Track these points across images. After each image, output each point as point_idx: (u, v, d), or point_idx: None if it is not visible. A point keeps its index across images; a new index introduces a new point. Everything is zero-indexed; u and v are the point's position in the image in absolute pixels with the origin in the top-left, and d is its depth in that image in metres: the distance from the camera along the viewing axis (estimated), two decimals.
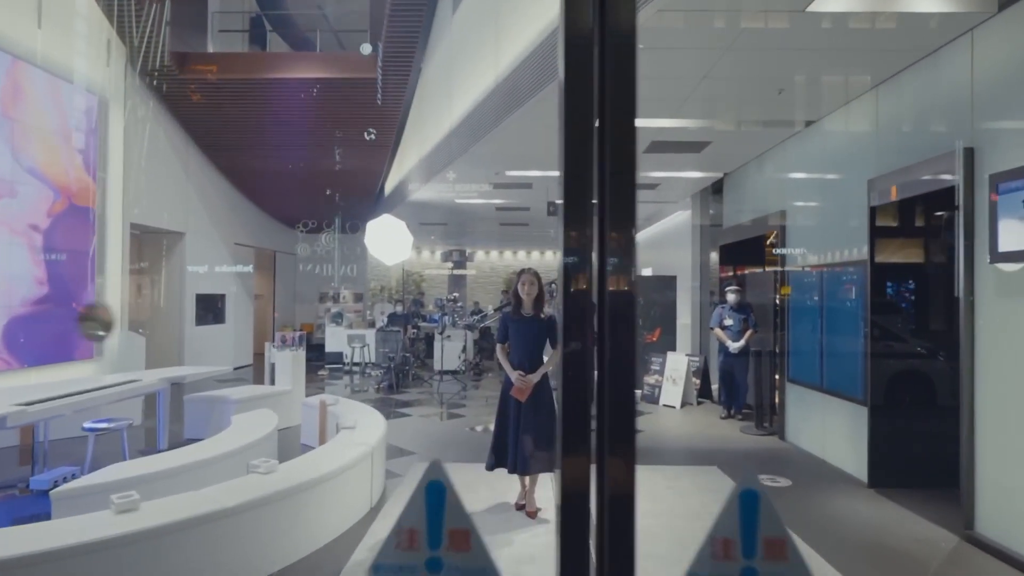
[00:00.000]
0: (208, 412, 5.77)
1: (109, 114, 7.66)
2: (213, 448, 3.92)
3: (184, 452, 3.81)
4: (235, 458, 3.92)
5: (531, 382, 3.76)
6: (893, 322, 4.39)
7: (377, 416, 4.90)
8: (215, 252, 10.47)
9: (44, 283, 6.61)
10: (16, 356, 6.21)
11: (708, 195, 8.77)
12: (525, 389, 3.77)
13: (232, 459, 3.92)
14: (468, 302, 17.81)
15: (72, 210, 6.98)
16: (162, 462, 3.62)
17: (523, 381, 3.75)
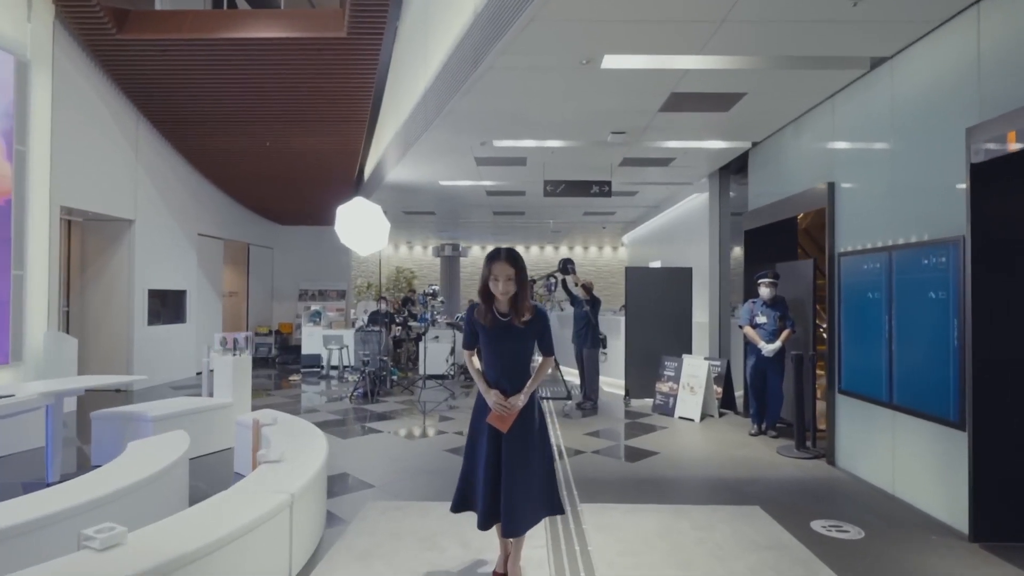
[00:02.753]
0: (121, 432, 4.65)
1: (30, 78, 6.53)
2: (64, 497, 2.79)
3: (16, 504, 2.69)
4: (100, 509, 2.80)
5: (515, 409, 2.65)
6: (1003, 318, 3.26)
7: (319, 442, 3.79)
8: (172, 243, 9.37)
9: None
10: None
11: (729, 175, 7.65)
12: (507, 418, 2.65)
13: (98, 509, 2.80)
14: (464, 300, 16.71)
15: None
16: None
17: (504, 408, 2.64)
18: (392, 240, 17.82)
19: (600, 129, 5.56)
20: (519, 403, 2.65)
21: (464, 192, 8.74)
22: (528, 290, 2.67)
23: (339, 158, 9.23)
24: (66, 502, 2.74)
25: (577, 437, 5.71)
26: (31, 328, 6.60)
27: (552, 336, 2.79)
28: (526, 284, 2.64)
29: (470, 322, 2.78)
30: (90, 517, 2.76)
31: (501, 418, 2.65)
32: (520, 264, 2.62)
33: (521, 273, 2.62)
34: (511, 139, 5.82)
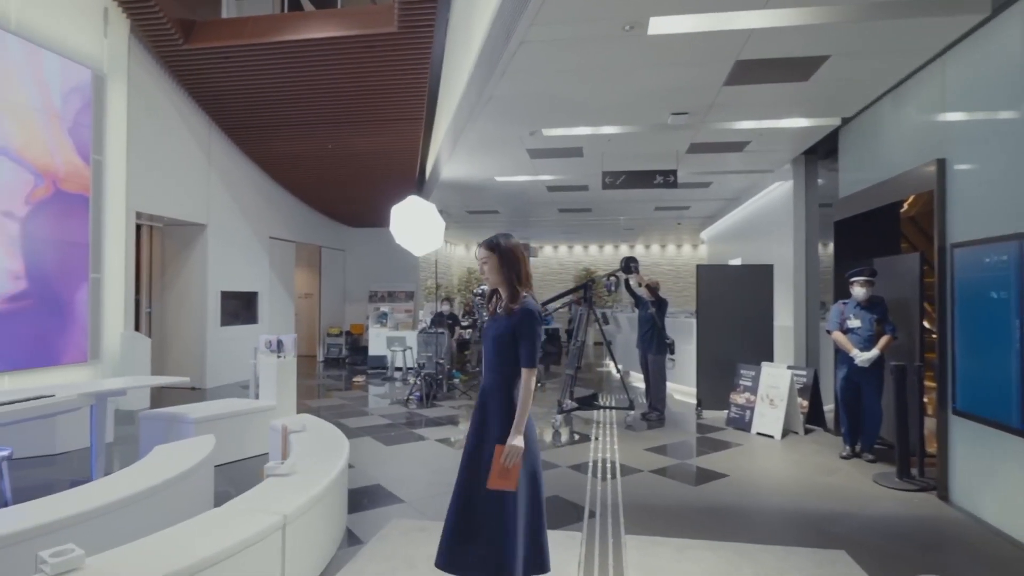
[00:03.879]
0: (165, 433, 4.66)
1: (107, 90, 6.87)
2: (67, 505, 2.67)
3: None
4: (105, 517, 2.67)
5: (519, 454, 2.17)
6: None
7: (340, 454, 3.54)
8: (245, 246, 9.67)
9: (21, 278, 5.82)
10: None
11: (816, 160, 6.77)
12: (513, 473, 2.17)
13: (101, 518, 2.68)
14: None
15: (59, 196, 6.20)
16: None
17: (510, 454, 2.15)
18: (463, 241, 17.79)
19: (658, 110, 4.99)
20: (517, 448, 2.17)
21: (523, 188, 8.37)
22: (515, 276, 2.26)
23: (399, 157, 9.14)
24: (69, 510, 2.61)
25: (636, 453, 5.16)
26: (108, 328, 6.93)
27: (535, 344, 2.24)
28: (511, 271, 2.26)
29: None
30: (92, 526, 2.64)
31: (507, 475, 2.16)
32: (499, 250, 2.28)
33: (502, 259, 2.26)
34: (561, 127, 5.37)
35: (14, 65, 5.76)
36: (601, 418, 6.57)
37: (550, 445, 5.44)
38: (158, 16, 6.89)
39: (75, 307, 6.44)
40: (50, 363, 6.19)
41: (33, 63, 5.94)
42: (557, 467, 4.72)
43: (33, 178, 5.94)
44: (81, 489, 2.94)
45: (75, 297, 6.44)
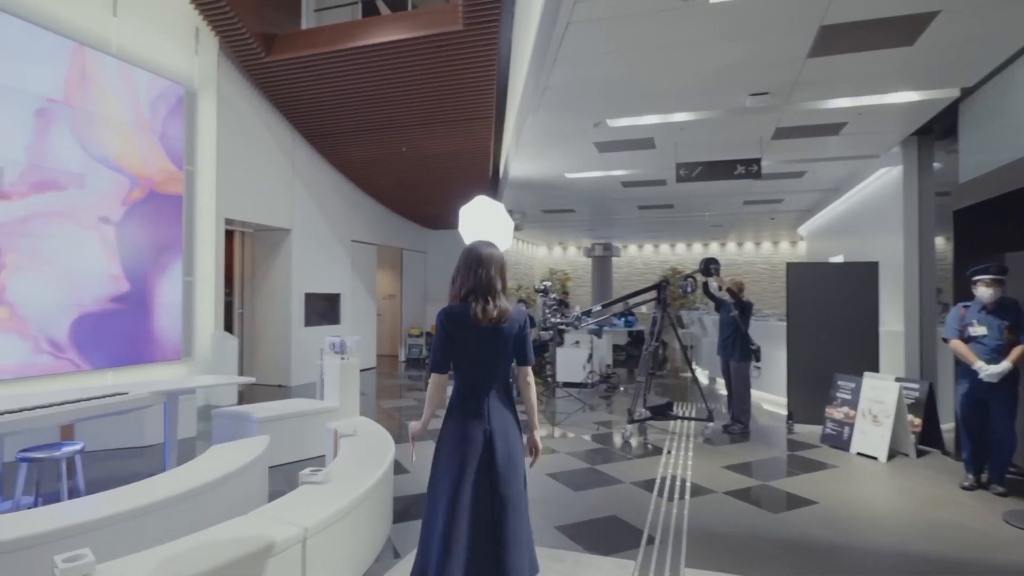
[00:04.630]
0: (234, 430, 4.82)
1: (198, 105, 7.33)
2: (117, 503, 2.73)
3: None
4: (152, 514, 2.71)
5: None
6: None
7: (384, 461, 3.44)
8: (327, 249, 10.02)
9: (120, 279, 6.31)
10: (86, 357, 5.93)
11: (931, 141, 5.89)
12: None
13: (148, 516, 2.72)
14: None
15: (152, 198, 6.65)
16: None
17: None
18: (544, 241, 17.58)
19: (733, 92, 4.49)
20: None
21: (596, 185, 8.01)
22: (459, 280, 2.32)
23: (471, 157, 9.08)
24: (116, 508, 2.67)
25: (711, 470, 4.69)
26: (200, 328, 7.38)
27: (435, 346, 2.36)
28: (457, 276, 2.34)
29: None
30: (136, 524, 2.69)
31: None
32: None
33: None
34: (627, 116, 5.00)
35: (112, 83, 6.24)
36: (678, 430, 6.10)
37: (615, 458, 5.08)
38: (242, 32, 7.25)
39: (170, 308, 6.91)
40: (147, 360, 6.66)
41: (128, 80, 6.42)
42: (619, 483, 4.37)
43: (129, 183, 6.41)
44: (134, 486, 3.02)
45: (169, 299, 6.90)
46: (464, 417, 2.30)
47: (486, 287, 2.25)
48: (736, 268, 16.52)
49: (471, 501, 2.18)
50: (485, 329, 2.24)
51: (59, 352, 5.66)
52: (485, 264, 2.27)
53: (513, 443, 2.29)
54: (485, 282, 2.25)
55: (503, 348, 2.29)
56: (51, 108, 5.57)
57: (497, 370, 2.31)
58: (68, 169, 5.74)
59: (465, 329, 2.25)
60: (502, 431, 2.27)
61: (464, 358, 2.29)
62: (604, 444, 5.54)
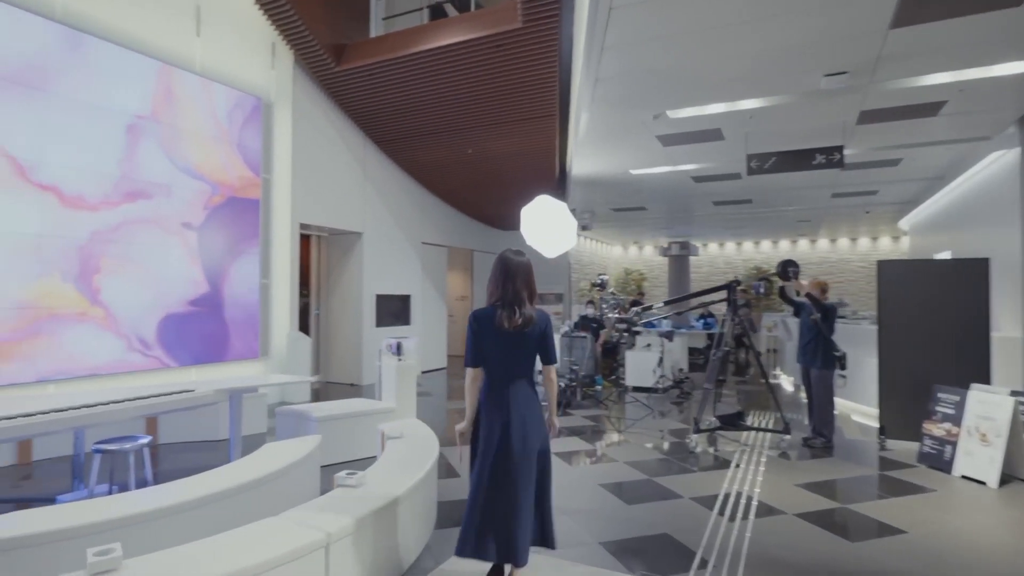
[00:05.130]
0: (295, 427, 4.98)
1: (274, 116, 7.71)
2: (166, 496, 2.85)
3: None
4: (201, 509, 2.81)
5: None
6: None
7: (424, 466, 3.39)
8: (398, 251, 10.25)
9: (202, 282, 6.73)
10: (172, 354, 6.37)
11: None
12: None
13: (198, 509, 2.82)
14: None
15: (231, 203, 7.04)
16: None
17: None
18: (619, 240, 17.14)
19: (805, 73, 4.07)
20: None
21: (665, 181, 7.64)
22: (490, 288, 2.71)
23: (537, 157, 8.96)
24: (166, 501, 2.79)
25: (783, 488, 4.29)
26: (276, 329, 7.76)
27: (467, 344, 2.70)
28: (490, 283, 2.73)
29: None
30: (186, 518, 2.79)
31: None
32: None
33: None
34: (688, 106, 4.68)
35: (194, 98, 6.67)
36: (751, 442, 5.66)
37: (676, 470, 4.77)
38: (313, 45, 7.55)
39: (248, 309, 7.30)
40: (227, 358, 7.07)
41: (209, 94, 6.84)
42: (677, 498, 4.08)
43: (210, 189, 6.83)
44: (186, 480, 3.14)
45: (247, 300, 7.30)
46: (490, 406, 2.62)
47: (512, 298, 2.59)
48: (828, 267, 15.31)
49: (491, 476, 2.55)
50: (510, 332, 2.57)
51: (147, 350, 6.11)
52: (512, 276, 2.62)
53: (530, 429, 2.59)
54: (512, 294, 2.60)
55: (526, 349, 2.61)
56: (140, 124, 6.03)
57: (520, 367, 2.63)
58: (155, 179, 6.19)
59: (491, 331, 2.59)
60: (520, 419, 2.57)
61: (491, 356, 2.61)
62: (667, 454, 5.24)
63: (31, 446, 4.94)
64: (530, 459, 2.57)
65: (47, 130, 5.22)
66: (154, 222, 6.17)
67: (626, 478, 4.54)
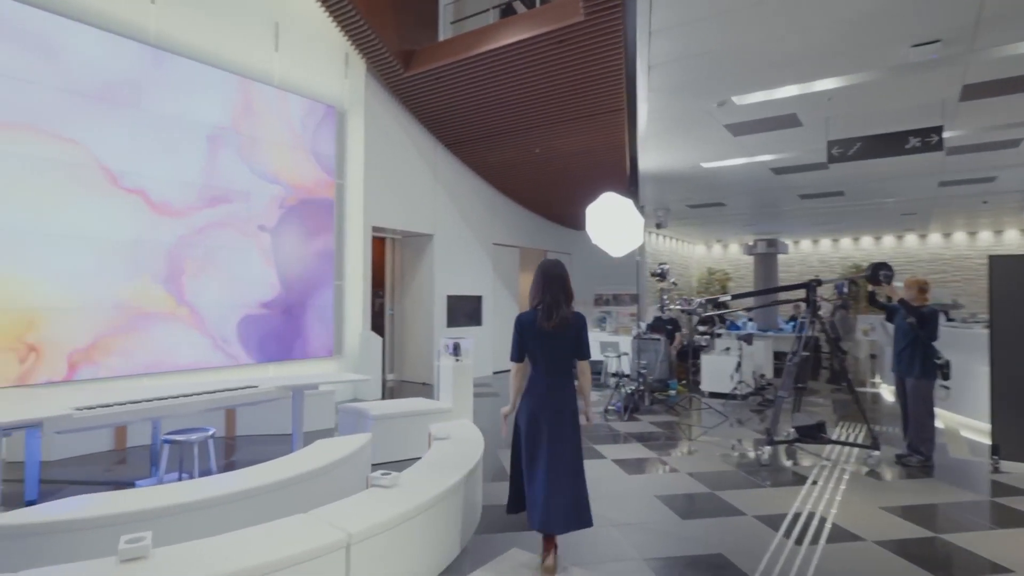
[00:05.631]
0: (354, 424, 5.11)
1: (347, 123, 8.01)
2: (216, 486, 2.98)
3: None
4: (243, 501, 2.92)
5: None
6: None
7: (463, 468, 3.34)
8: (469, 253, 10.34)
9: (278, 284, 7.10)
10: (251, 352, 6.76)
11: None
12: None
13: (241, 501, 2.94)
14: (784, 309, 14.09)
15: (305, 205, 7.38)
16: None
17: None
18: (701, 239, 16.39)
19: (888, 45, 3.60)
20: None
21: (742, 174, 7.15)
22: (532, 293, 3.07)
23: (606, 154, 8.71)
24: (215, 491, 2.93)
25: (865, 511, 3.84)
26: (349, 328, 8.05)
27: (512, 342, 3.10)
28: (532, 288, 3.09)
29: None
30: (226, 510, 2.91)
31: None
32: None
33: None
34: (755, 91, 4.31)
35: (272, 108, 7.05)
36: (836, 457, 5.16)
37: (743, 484, 4.41)
38: (383, 53, 7.76)
39: (322, 310, 7.62)
40: (303, 356, 7.41)
41: (286, 104, 7.20)
42: (740, 515, 3.76)
43: (285, 193, 7.18)
44: (241, 472, 3.28)
45: (322, 301, 7.62)
46: (530, 396, 3.01)
47: (551, 303, 2.97)
48: (941, 265, 13.79)
49: (529, 457, 2.96)
50: (549, 331, 2.96)
51: (228, 347, 6.52)
52: (550, 283, 3.01)
53: (565, 417, 2.95)
54: (550, 299, 2.97)
55: (562, 346, 2.99)
56: (220, 134, 6.46)
57: (557, 362, 3.00)
58: (234, 186, 6.60)
59: (533, 331, 3.00)
60: (555, 407, 2.95)
61: (532, 352, 3.01)
62: (735, 466, 4.87)
63: (125, 433, 5.39)
64: (563, 442, 2.92)
65: (138, 143, 5.71)
66: (233, 226, 6.57)
67: (686, 490, 4.26)
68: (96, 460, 4.94)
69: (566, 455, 2.91)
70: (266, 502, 3.08)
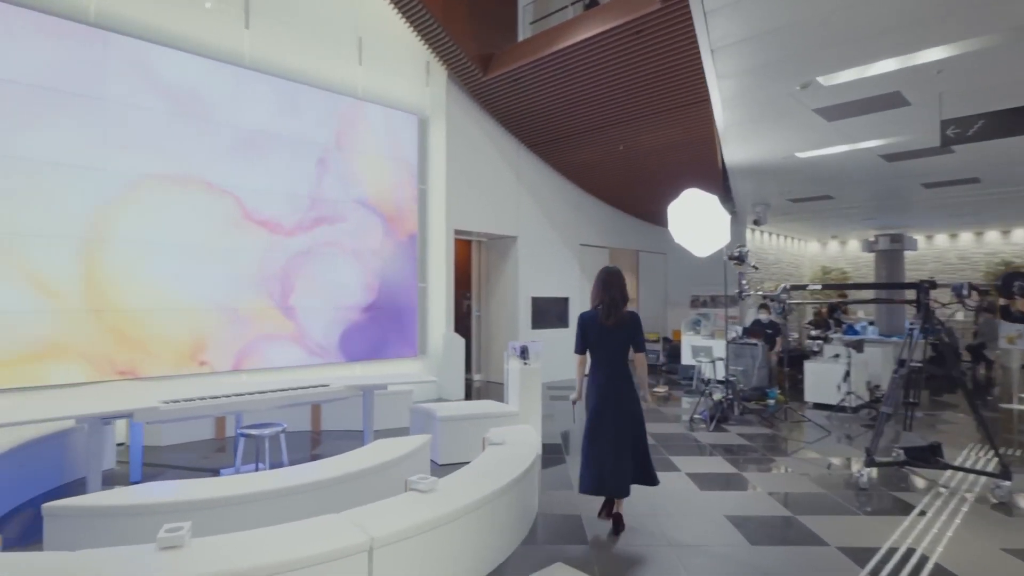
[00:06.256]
0: (425, 423, 5.21)
1: (429, 129, 8.24)
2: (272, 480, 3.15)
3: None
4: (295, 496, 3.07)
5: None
6: None
7: (508, 475, 3.27)
8: (554, 254, 10.24)
9: (373, 290, 7.45)
10: (343, 352, 7.15)
11: None
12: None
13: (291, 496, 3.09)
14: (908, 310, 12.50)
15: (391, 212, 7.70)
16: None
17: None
18: (814, 235, 15.05)
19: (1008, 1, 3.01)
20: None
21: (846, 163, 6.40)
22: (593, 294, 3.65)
23: (693, 148, 8.24)
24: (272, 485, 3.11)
25: (982, 551, 3.27)
26: (432, 329, 8.26)
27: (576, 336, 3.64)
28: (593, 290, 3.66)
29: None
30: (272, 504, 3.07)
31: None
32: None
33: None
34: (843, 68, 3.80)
35: (363, 123, 7.41)
36: (956, 485, 4.46)
37: (833, 509, 3.93)
38: (462, 58, 7.89)
39: (408, 312, 7.89)
40: (390, 357, 7.72)
41: (374, 117, 7.54)
42: (821, 545, 3.35)
43: (379, 219, 7.53)
44: (300, 467, 3.45)
45: (408, 304, 7.89)
46: (594, 382, 3.56)
47: (610, 303, 3.51)
48: None
49: (597, 432, 3.47)
50: (608, 327, 3.50)
51: (322, 349, 6.94)
52: (609, 286, 3.54)
53: (624, 399, 3.48)
54: (608, 300, 3.51)
55: (619, 340, 3.52)
56: (325, 155, 6.97)
57: (615, 354, 3.52)
58: (336, 203, 7.05)
59: (594, 327, 3.54)
60: (615, 392, 3.49)
61: (594, 345, 3.55)
62: (827, 488, 4.37)
63: (225, 423, 5.88)
64: (624, 420, 3.46)
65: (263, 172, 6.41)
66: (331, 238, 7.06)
67: (761, 512, 3.87)
68: (197, 448, 5.43)
69: (629, 429, 3.46)
70: (312, 499, 3.19)
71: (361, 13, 7.44)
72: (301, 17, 6.89)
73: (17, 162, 4.87)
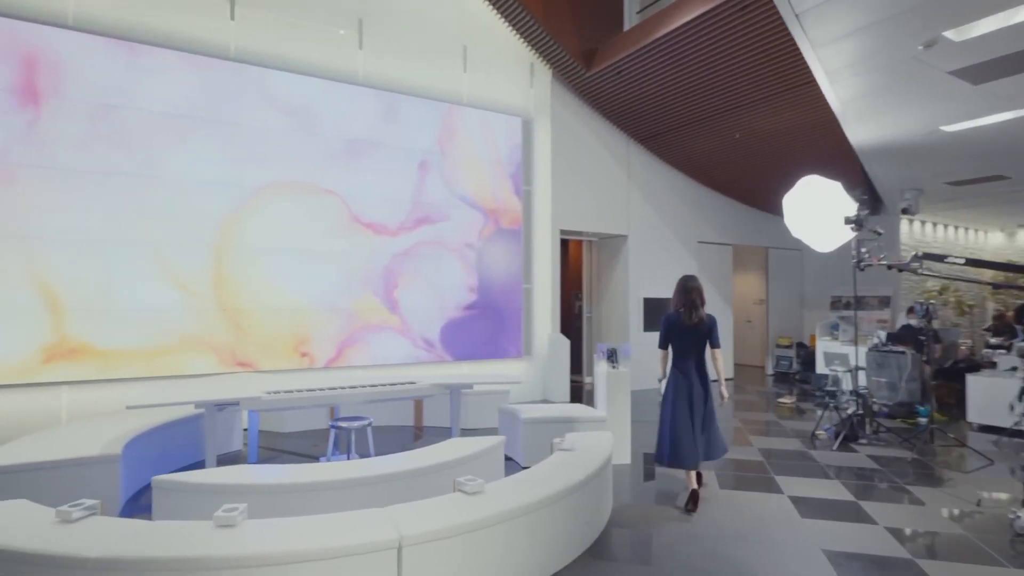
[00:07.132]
0: (510, 425, 5.22)
1: (534, 130, 8.25)
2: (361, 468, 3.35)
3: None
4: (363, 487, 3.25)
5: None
6: None
7: (560, 483, 3.16)
8: (668, 253, 9.74)
9: (475, 290, 7.65)
10: (449, 351, 7.42)
11: None
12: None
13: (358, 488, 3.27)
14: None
15: (500, 232, 7.84)
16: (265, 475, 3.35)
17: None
18: (995, 223, 12.71)
19: None
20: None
21: (1011, 133, 5.27)
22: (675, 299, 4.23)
23: (814, 132, 7.36)
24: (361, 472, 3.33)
25: None
26: (537, 330, 8.27)
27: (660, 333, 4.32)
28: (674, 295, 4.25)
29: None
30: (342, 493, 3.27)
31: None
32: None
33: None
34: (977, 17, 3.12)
35: (467, 128, 7.63)
36: None
37: (974, 558, 3.26)
38: (564, 57, 7.81)
39: (513, 312, 7.97)
40: (496, 356, 7.85)
41: (479, 122, 7.73)
42: None
43: (483, 217, 7.71)
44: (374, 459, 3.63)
45: (513, 304, 7.97)
46: (675, 374, 4.16)
47: (690, 306, 4.07)
48: None
49: (677, 414, 4.07)
50: (688, 327, 4.08)
51: (430, 347, 7.26)
52: (689, 292, 4.10)
53: (697, 387, 4.10)
54: (689, 303, 4.08)
55: (698, 337, 4.11)
56: (428, 159, 7.28)
57: (694, 349, 4.12)
58: (438, 204, 7.35)
59: (677, 327, 4.14)
60: (690, 379, 4.10)
61: (676, 342, 4.18)
62: (969, 529, 3.65)
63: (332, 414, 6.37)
64: (698, 405, 4.06)
65: (368, 177, 6.86)
66: (437, 240, 7.36)
67: (872, 550, 3.33)
68: (312, 436, 5.94)
69: (705, 412, 4.10)
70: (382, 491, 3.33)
71: (467, 24, 7.66)
72: (410, 33, 7.26)
73: (164, 183, 5.72)
